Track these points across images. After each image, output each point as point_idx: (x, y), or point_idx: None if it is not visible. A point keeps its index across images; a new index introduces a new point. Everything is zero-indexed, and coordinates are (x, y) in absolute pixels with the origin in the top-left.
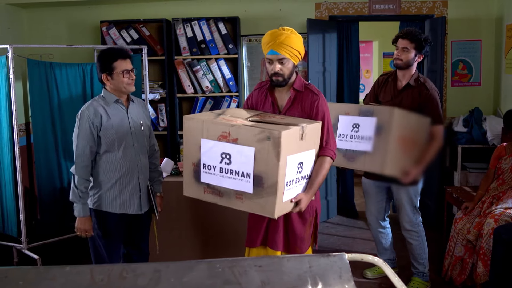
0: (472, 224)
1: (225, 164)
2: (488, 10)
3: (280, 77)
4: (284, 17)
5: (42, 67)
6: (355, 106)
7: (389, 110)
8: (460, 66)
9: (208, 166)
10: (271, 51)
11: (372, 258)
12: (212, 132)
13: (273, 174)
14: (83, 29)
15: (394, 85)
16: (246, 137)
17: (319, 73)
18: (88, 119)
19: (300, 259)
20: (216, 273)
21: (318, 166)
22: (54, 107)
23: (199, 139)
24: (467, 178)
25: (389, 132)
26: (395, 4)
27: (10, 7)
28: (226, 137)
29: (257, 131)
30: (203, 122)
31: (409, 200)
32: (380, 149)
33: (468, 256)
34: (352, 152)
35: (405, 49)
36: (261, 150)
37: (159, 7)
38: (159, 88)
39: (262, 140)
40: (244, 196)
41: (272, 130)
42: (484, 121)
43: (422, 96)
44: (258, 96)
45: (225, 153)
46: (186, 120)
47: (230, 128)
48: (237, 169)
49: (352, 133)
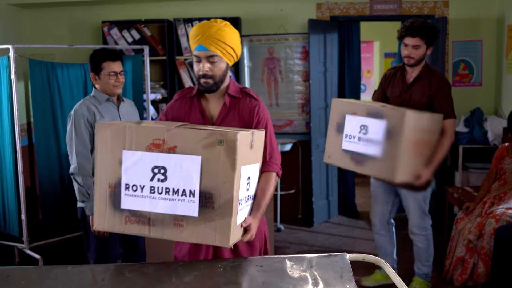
0: (473, 224)
1: (159, 181)
2: (489, 10)
3: (210, 80)
4: (285, 17)
5: (43, 67)
6: (363, 106)
7: (400, 113)
8: (461, 66)
9: (133, 186)
10: (199, 46)
11: (373, 258)
12: (139, 140)
13: (227, 189)
14: (84, 29)
15: (403, 80)
16: (188, 143)
17: (320, 73)
18: (83, 117)
19: (301, 259)
20: (218, 273)
21: (264, 184)
22: (55, 107)
23: (119, 151)
24: (468, 178)
25: (400, 138)
26: (396, 4)
27: (11, 7)
28: (160, 146)
29: (204, 134)
30: (125, 128)
31: (418, 206)
32: (390, 155)
33: (469, 256)
34: (360, 155)
35: (417, 46)
36: (209, 158)
37: (161, 7)
38: (161, 88)
39: (212, 145)
40: (187, 221)
41: (225, 132)
42: (485, 121)
43: (433, 88)
44: (180, 107)
45: (158, 167)
46: (101, 128)
47: (166, 133)
48: (176, 186)
49: (360, 134)
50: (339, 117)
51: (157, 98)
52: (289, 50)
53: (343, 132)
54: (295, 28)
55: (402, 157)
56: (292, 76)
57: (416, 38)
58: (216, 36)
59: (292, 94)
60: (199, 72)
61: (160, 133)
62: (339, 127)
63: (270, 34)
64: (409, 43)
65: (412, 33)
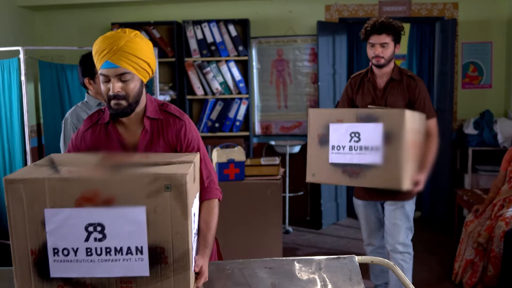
0: (483, 227)
1: (96, 241)
2: (499, 12)
3: (122, 101)
4: (294, 19)
5: (53, 68)
6: (349, 111)
7: (397, 113)
8: (471, 68)
9: (64, 250)
10: (107, 63)
11: (382, 261)
12: (65, 195)
13: (181, 240)
14: (94, 31)
15: (373, 85)
16: (128, 193)
17: (329, 75)
18: (72, 125)
19: (310, 261)
20: (226, 274)
21: (207, 215)
22: (65, 108)
23: (40, 210)
24: (478, 181)
25: (401, 140)
26: (405, 6)
27: (22, 10)
28: (92, 199)
29: (147, 179)
30: (44, 183)
31: (406, 218)
32: (393, 161)
33: (479, 259)
34: (354, 167)
35: (385, 44)
36: (156, 208)
37: (170, 9)
38: (170, 90)
39: (157, 192)
40: (136, 283)
41: (170, 173)
42: (495, 123)
43: (411, 90)
44: (94, 137)
45: (92, 224)
46: (9, 184)
47: (98, 183)
48: (119, 244)
49: (352, 143)
50: (321, 127)
51: (166, 100)
52: (297, 52)
53: (328, 144)
54: (304, 30)
55: (405, 162)
56: (300, 78)
57: (382, 35)
58: (127, 50)
59: (301, 96)
60: (108, 93)
61: (90, 183)
62: (322, 139)
63: (279, 36)
64: (376, 41)
65: (378, 30)
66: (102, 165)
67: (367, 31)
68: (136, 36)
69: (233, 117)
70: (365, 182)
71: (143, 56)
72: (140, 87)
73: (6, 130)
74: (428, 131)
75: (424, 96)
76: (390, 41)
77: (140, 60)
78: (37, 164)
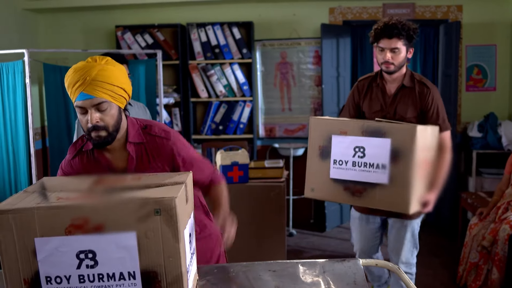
0: (487, 230)
1: (88, 267)
2: (503, 14)
3: (102, 131)
4: (298, 22)
5: (57, 71)
6: (354, 123)
7: (408, 128)
8: (475, 71)
9: (57, 278)
10: (82, 95)
11: (386, 264)
12: (55, 224)
13: (173, 264)
14: (98, 34)
15: (383, 91)
16: (118, 218)
17: (333, 78)
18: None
19: (314, 264)
20: (230, 277)
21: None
22: (69, 111)
23: (30, 240)
24: (482, 184)
25: (411, 159)
26: (409, 9)
27: (27, 12)
28: (82, 226)
29: (136, 204)
30: (34, 213)
31: (412, 235)
32: (400, 182)
33: (483, 262)
34: (357, 184)
35: (396, 49)
36: (147, 232)
37: (174, 12)
38: (174, 93)
39: (147, 216)
40: None
41: (159, 197)
42: (499, 126)
43: (424, 98)
44: (82, 165)
45: (84, 252)
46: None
47: (87, 210)
48: (111, 270)
49: (356, 158)
50: (322, 139)
51: (170, 102)
52: (301, 55)
53: (329, 158)
54: (307, 33)
55: (414, 183)
56: (304, 80)
57: (393, 39)
58: (100, 79)
59: (305, 99)
60: (87, 125)
61: (79, 210)
62: (323, 152)
63: (283, 39)
64: (386, 46)
65: (388, 33)
66: (93, 190)
67: (376, 34)
68: (107, 63)
69: (237, 119)
70: (368, 202)
71: (117, 82)
72: (118, 114)
73: (11, 132)
74: (441, 145)
75: (437, 105)
76: (401, 45)
77: (115, 87)
78: (27, 191)
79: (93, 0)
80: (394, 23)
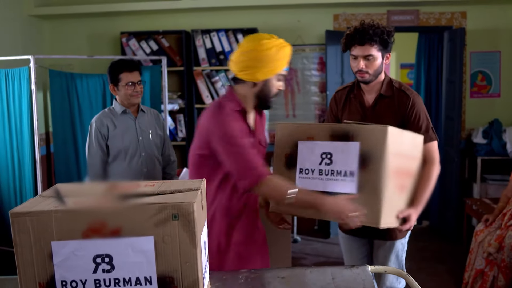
0: (493, 237)
1: (104, 272)
2: (507, 21)
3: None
4: (302, 29)
5: (63, 77)
6: (323, 127)
7: (378, 129)
8: (479, 77)
9: (72, 282)
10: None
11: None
12: (72, 227)
13: (190, 269)
14: (103, 40)
15: (361, 102)
16: (135, 222)
17: (338, 84)
18: (96, 130)
19: (323, 271)
20: (239, 283)
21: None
22: (74, 117)
23: (46, 243)
24: (487, 190)
25: (382, 164)
26: (413, 15)
27: (32, 19)
28: (100, 230)
29: (154, 208)
30: (51, 215)
31: (396, 257)
32: (370, 190)
33: (489, 269)
34: (325, 195)
35: (369, 57)
36: (164, 237)
37: (179, 18)
38: (178, 99)
39: (165, 221)
40: None
41: (177, 202)
42: (504, 132)
43: (404, 107)
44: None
45: (101, 256)
46: (15, 218)
47: (105, 214)
48: (127, 275)
49: (322, 166)
50: (288, 146)
51: (175, 109)
52: (306, 61)
53: (295, 166)
54: (312, 39)
55: (386, 192)
56: (309, 87)
57: (366, 46)
58: None
59: (309, 105)
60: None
61: (97, 214)
62: (289, 160)
63: None
64: (358, 53)
65: (360, 40)
66: (108, 195)
67: (347, 41)
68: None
69: None
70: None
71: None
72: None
73: (16, 138)
74: (426, 157)
75: (419, 115)
76: (375, 52)
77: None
78: (43, 196)
79: (99, 7)
80: (365, 28)
